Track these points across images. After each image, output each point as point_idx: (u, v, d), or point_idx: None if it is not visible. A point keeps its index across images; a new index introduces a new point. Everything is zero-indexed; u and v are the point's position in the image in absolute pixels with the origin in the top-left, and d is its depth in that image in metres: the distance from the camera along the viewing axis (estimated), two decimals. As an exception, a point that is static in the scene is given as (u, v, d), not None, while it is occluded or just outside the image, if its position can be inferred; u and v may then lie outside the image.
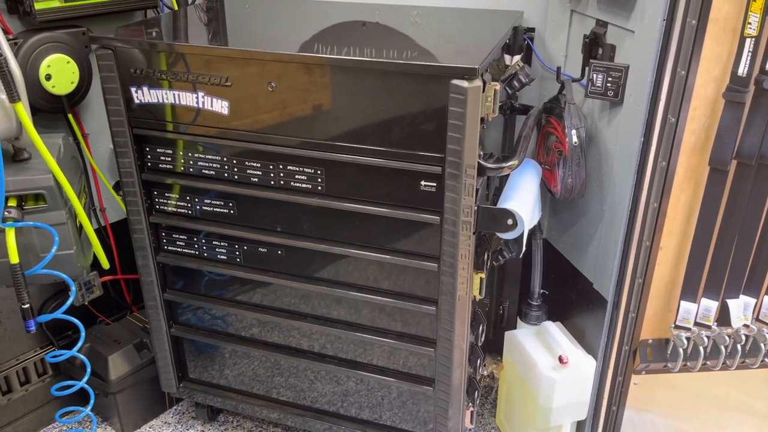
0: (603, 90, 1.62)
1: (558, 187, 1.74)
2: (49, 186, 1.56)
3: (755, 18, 1.27)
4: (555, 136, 1.73)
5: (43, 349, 2.11)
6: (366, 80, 1.47)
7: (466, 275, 1.56)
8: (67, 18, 1.77)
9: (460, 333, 1.63)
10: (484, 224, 1.54)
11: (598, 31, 1.68)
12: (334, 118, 1.52)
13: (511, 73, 1.71)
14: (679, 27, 1.30)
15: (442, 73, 1.38)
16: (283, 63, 1.50)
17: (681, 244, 1.51)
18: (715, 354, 1.57)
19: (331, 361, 1.84)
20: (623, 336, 1.60)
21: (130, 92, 1.64)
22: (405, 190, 1.54)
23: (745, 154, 1.38)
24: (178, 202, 1.78)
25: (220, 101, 1.58)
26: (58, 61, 1.74)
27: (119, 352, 2.05)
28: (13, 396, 2.04)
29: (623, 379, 1.65)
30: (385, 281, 1.69)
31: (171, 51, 1.58)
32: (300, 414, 1.95)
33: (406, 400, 1.82)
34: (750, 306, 1.55)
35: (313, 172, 1.60)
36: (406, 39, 1.72)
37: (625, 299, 1.56)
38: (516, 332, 2.01)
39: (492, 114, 1.45)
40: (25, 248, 1.57)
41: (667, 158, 1.40)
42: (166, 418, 2.23)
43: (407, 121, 1.46)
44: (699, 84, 1.35)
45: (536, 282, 2.00)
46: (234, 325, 1.92)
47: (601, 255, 1.77)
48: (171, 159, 1.72)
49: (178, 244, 1.84)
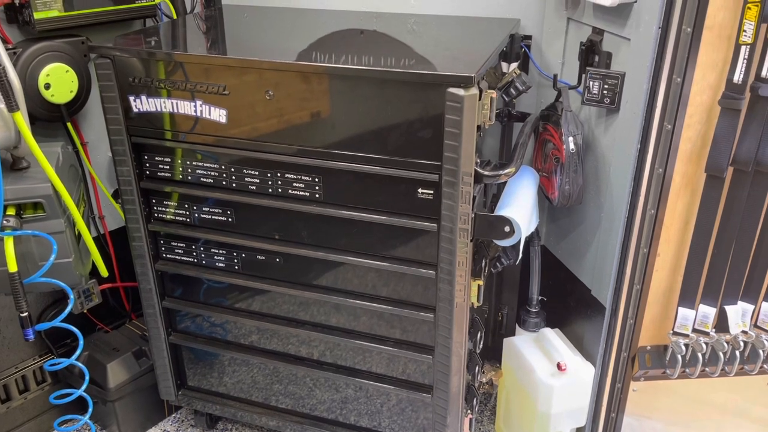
0: (599, 97, 1.62)
1: (555, 194, 1.74)
2: (48, 195, 1.56)
3: (750, 26, 1.28)
4: (552, 143, 1.74)
5: (41, 357, 2.11)
6: (363, 88, 1.47)
7: (464, 282, 1.56)
8: (66, 27, 1.78)
9: (458, 340, 1.63)
10: (481, 231, 1.54)
11: (595, 38, 1.69)
12: (332, 126, 1.53)
13: (508, 81, 1.72)
14: (674, 34, 1.31)
15: (439, 81, 1.38)
16: (281, 71, 1.51)
17: (678, 251, 1.52)
18: (714, 360, 1.57)
19: (329, 368, 1.84)
20: (621, 342, 1.60)
21: (128, 101, 1.65)
22: (402, 198, 1.54)
23: (742, 160, 1.39)
24: (177, 210, 1.78)
25: (218, 110, 1.59)
26: (57, 70, 1.75)
27: (118, 359, 2.05)
28: (11, 404, 2.04)
29: (622, 386, 1.65)
30: (384, 288, 1.69)
31: (169, 60, 1.59)
32: (299, 421, 1.95)
33: (405, 408, 1.82)
34: (748, 312, 1.55)
35: (311, 180, 1.61)
36: (404, 47, 1.72)
37: (623, 306, 1.56)
38: (514, 339, 2.01)
39: (488, 122, 1.45)
40: (23, 257, 1.57)
41: (663, 165, 1.40)
42: (165, 426, 2.22)
43: (404, 129, 1.47)
44: (695, 91, 1.35)
45: (534, 289, 2.00)
46: (233, 333, 1.92)
47: (598, 262, 1.77)
48: (169, 167, 1.72)
49: (176, 252, 1.84)
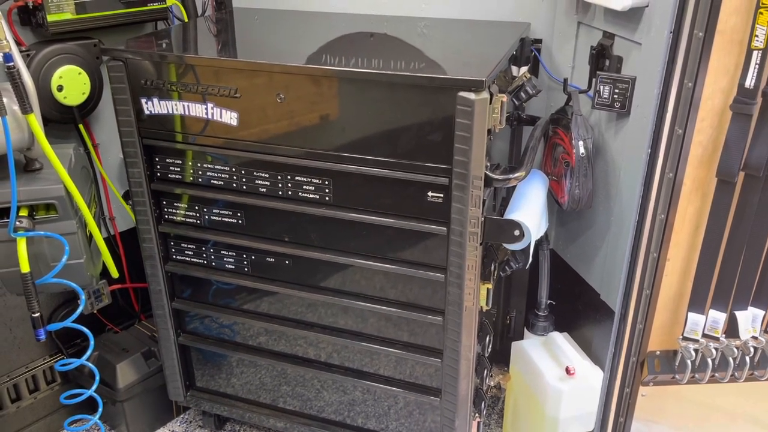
0: (610, 101, 1.62)
1: (565, 198, 1.74)
2: (60, 196, 1.58)
3: (762, 30, 1.27)
4: (562, 147, 1.74)
5: (52, 357, 2.12)
6: (373, 92, 1.48)
7: (473, 286, 1.56)
8: (79, 30, 1.79)
9: (467, 343, 1.63)
10: (491, 235, 1.54)
11: (605, 42, 1.69)
12: (342, 129, 1.53)
13: (518, 85, 1.72)
14: (686, 39, 1.30)
15: (449, 85, 1.39)
16: (292, 75, 1.51)
17: (688, 256, 1.51)
18: (724, 366, 1.56)
19: (337, 370, 1.84)
20: (630, 347, 1.59)
21: (140, 103, 1.66)
22: (412, 201, 1.54)
23: (753, 165, 1.38)
24: (187, 211, 1.79)
25: (229, 112, 1.59)
26: (70, 73, 1.77)
27: (127, 360, 2.06)
28: (22, 404, 2.05)
29: (631, 391, 1.64)
30: (392, 291, 1.69)
31: (181, 62, 1.59)
32: (306, 423, 1.95)
33: (413, 411, 1.82)
34: (758, 318, 1.54)
35: (321, 183, 1.61)
36: (414, 50, 1.73)
37: (633, 310, 1.55)
38: (523, 343, 2.01)
39: (499, 125, 1.45)
40: (35, 257, 1.58)
41: (674, 170, 1.40)
42: (174, 427, 2.23)
43: (414, 133, 1.47)
44: (706, 95, 1.35)
45: (543, 292, 2.00)
46: (241, 334, 1.92)
47: (608, 266, 1.77)
48: (180, 169, 1.73)
49: (186, 253, 1.85)
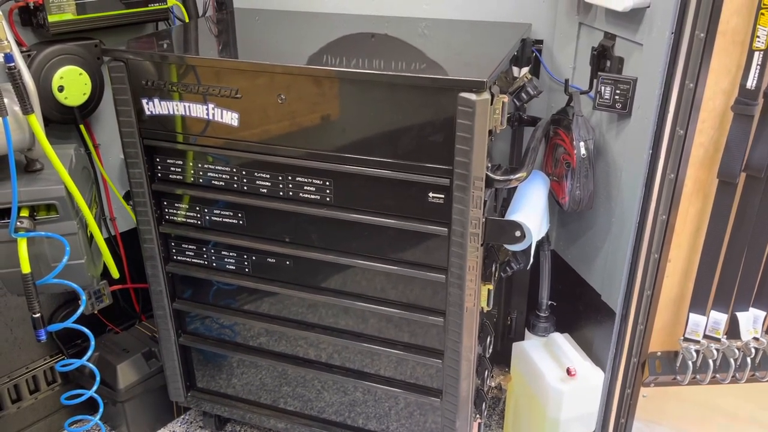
0: (611, 102, 1.62)
1: (566, 199, 1.74)
2: (61, 196, 1.58)
3: (764, 31, 1.27)
4: (563, 148, 1.74)
5: (52, 357, 2.12)
6: (374, 92, 1.48)
7: (474, 287, 1.56)
8: (80, 30, 1.79)
9: (468, 344, 1.62)
10: (492, 236, 1.54)
11: (606, 43, 1.69)
12: (343, 130, 1.53)
13: (519, 85, 1.71)
14: (687, 40, 1.30)
15: (451, 86, 1.38)
16: (293, 75, 1.51)
17: (690, 257, 1.51)
18: (725, 367, 1.56)
19: (338, 371, 1.84)
20: (632, 348, 1.59)
21: (141, 104, 1.66)
22: (413, 202, 1.54)
23: (754, 166, 1.38)
24: (188, 212, 1.79)
25: (230, 113, 1.59)
26: (71, 73, 1.77)
27: (128, 361, 2.06)
28: (22, 404, 2.05)
29: (632, 392, 1.64)
30: (393, 292, 1.69)
31: (182, 63, 1.59)
32: (307, 424, 1.95)
33: (414, 411, 1.82)
34: (760, 319, 1.54)
35: (322, 183, 1.61)
36: (415, 51, 1.73)
37: (634, 311, 1.55)
38: (524, 343, 2.01)
39: (500, 126, 1.45)
40: (36, 258, 1.58)
41: (675, 170, 1.40)
42: (174, 427, 2.23)
43: (415, 133, 1.47)
44: (707, 96, 1.35)
45: (544, 293, 2.00)
46: (242, 335, 1.92)
47: (609, 267, 1.77)
48: (181, 170, 1.73)
49: (187, 253, 1.85)
